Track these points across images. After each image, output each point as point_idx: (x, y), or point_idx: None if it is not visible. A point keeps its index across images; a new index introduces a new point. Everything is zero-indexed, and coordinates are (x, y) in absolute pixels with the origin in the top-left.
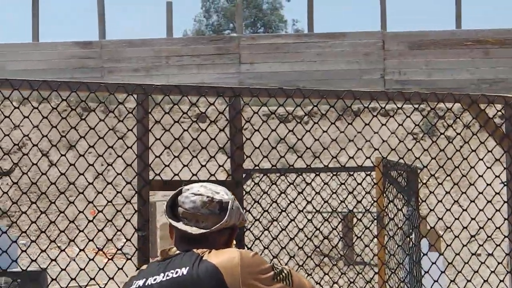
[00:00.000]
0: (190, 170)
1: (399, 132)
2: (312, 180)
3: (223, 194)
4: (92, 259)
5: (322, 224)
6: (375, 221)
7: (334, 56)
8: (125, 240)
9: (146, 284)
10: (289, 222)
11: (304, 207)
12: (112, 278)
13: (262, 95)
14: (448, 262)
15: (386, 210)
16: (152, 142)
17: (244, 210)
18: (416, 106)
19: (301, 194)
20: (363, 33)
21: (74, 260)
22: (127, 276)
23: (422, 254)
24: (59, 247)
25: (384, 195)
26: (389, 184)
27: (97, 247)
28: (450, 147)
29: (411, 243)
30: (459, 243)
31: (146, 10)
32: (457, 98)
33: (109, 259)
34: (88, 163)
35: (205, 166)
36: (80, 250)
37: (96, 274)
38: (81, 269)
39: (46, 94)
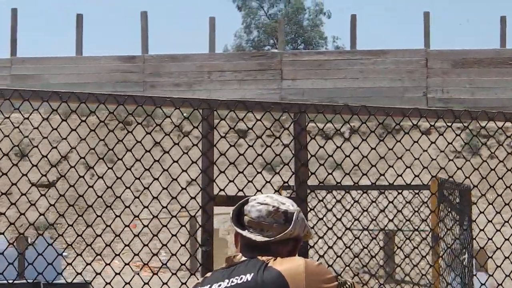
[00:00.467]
0: (254, 186)
1: (441, 151)
2: (361, 196)
3: (288, 205)
4: (138, 273)
5: (373, 240)
6: (424, 240)
7: (377, 74)
8: (170, 255)
9: None
10: (353, 240)
11: (369, 225)
12: None
13: (327, 111)
14: (497, 284)
15: (440, 229)
16: (217, 158)
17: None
18: (465, 123)
19: (359, 211)
20: (406, 50)
21: (119, 274)
22: None
23: (473, 275)
24: (104, 260)
25: (440, 213)
26: (443, 203)
27: (142, 261)
28: (497, 166)
29: (462, 263)
30: (508, 263)
31: (189, 25)
32: (508, 116)
33: (154, 274)
34: (135, 176)
35: (269, 182)
36: (126, 264)
37: None
38: (126, 283)
39: (88, 107)
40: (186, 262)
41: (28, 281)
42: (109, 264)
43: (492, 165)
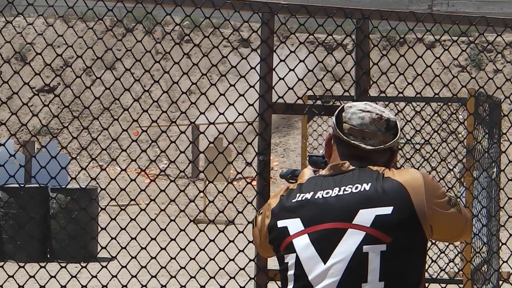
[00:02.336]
0: (314, 93)
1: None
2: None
3: (388, 113)
4: (134, 180)
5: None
6: (452, 152)
7: None
8: (167, 162)
9: (317, 197)
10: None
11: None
12: (154, 200)
13: (391, 18)
14: None
15: (474, 142)
16: (276, 63)
17: None
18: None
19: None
20: None
21: (115, 180)
22: (169, 198)
23: (501, 189)
24: (100, 165)
25: (475, 126)
26: (477, 118)
27: (139, 168)
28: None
29: (491, 177)
30: None
31: None
32: (507, 23)
33: (152, 180)
34: (134, 78)
35: (329, 90)
36: (122, 170)
37: (138, 195)
38: (122, 189)
39: (96, 14)
40: (185, 169)
41: (39, 185)
42: (104, 170)
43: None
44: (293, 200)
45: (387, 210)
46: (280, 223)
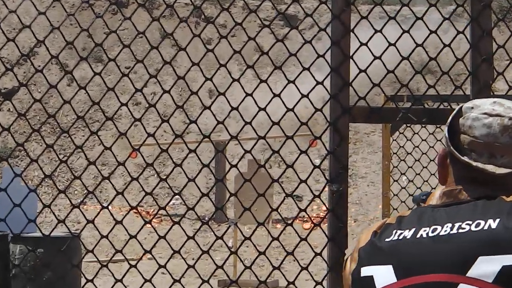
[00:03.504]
0: (409, 90)
1: None
2: None
3: None
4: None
5: None
6: None
7: None
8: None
9: (420, 235)
10: None
11: None
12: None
13: None
14: None
15: None
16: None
17: None
18: None
19: None
20: None
21: (123, 223)
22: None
23: None
24: (83, 203)
25: None
26: None
27: (132, 206)
28: None
29: None
30: None
31: None
32: None
33: (146, 222)
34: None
35: (433, 86)
36: (104, 207)
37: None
38: (132, 236)
39: None
40: (211, 217)
41: None
42: (107, 207)
43: None
44: (387, 240)
45: None
46: (365, 271)
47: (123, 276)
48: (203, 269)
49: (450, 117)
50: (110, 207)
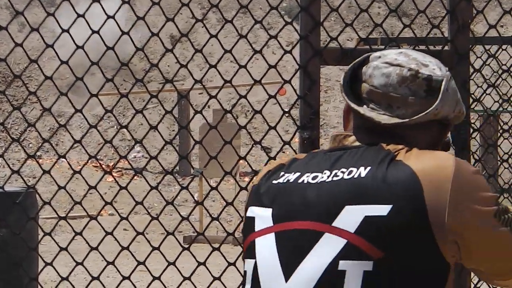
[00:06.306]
0: (387, 33)
1: None
2: None
3: (433, 67)
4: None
5: None
6: None
7: None
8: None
9: (300, 181)
10: None
11: None
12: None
13: None
14: None
15: None
16: None
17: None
18: None
19: None
20: None
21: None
22: (135, 201)
23: None
24: (37, 156)
25: None
26: None
27: (99, 162)
28: None
29: None
30: None
31: None
32: None
33: (105, 172)
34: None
35: (410, 25)
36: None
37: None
38: (91, 187)
39: None
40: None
41: None
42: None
43: None
44: (274, 182)
45: (382, 209)
46: (249, 211)
47: (83, 229)
48: (167, 225)
49: (355, 63)
50: (67, 159)
